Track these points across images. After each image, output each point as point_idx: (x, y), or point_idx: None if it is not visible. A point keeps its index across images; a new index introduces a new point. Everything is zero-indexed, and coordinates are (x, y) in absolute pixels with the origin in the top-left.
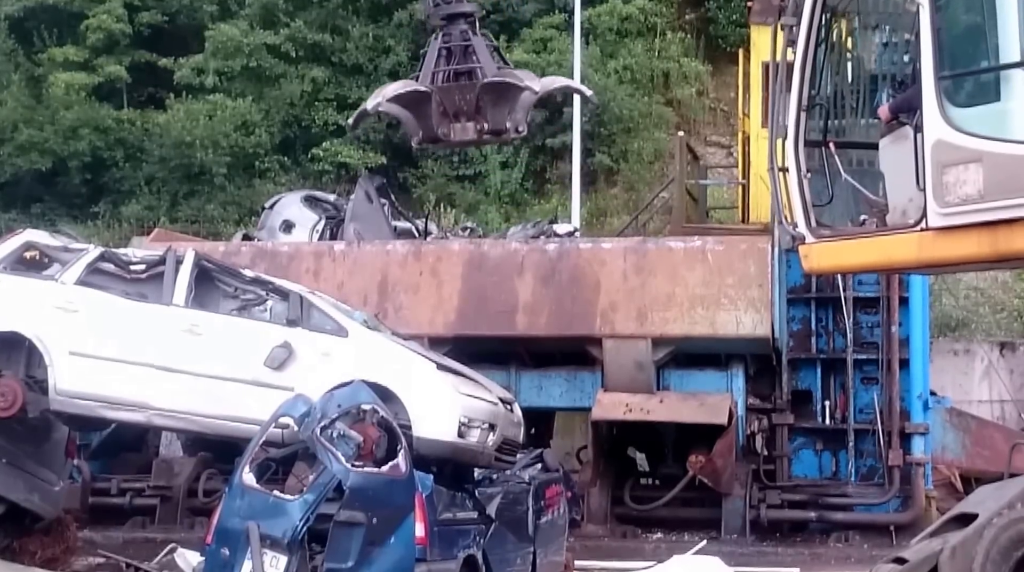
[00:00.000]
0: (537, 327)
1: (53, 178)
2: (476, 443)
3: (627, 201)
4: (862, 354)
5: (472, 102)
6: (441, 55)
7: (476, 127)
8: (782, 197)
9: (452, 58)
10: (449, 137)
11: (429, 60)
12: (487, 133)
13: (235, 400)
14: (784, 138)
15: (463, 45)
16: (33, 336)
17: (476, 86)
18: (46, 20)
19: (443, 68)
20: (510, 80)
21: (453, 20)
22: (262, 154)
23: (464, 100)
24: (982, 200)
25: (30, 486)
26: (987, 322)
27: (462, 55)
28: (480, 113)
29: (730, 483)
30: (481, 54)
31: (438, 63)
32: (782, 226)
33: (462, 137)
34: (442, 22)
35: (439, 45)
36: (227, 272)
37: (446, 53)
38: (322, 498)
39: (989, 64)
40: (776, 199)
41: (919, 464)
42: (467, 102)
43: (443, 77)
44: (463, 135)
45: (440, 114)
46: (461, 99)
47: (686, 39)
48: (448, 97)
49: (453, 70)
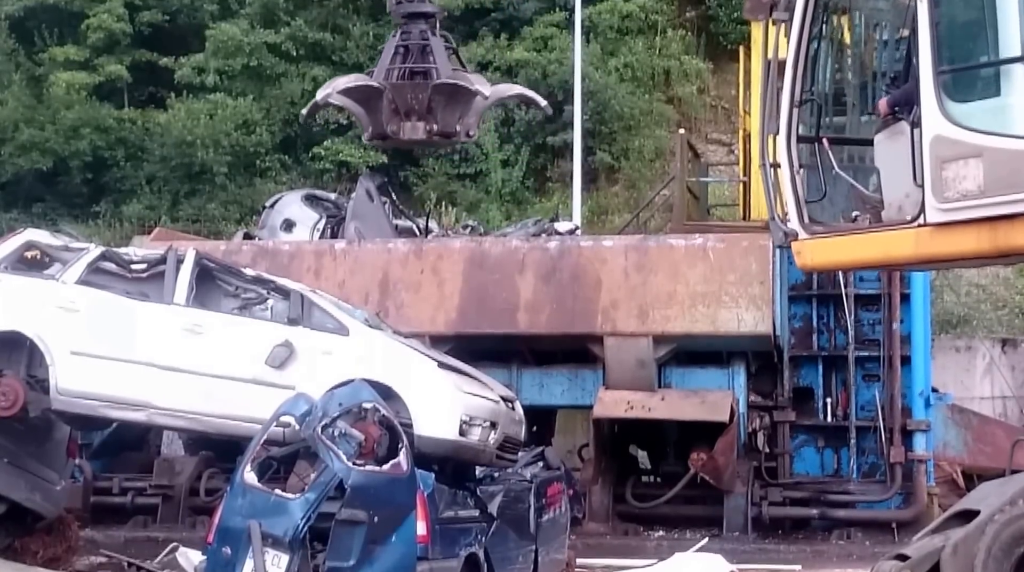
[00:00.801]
0: (538, 325)
1: (54, 178)
2: (477, 441)
3: (628, 199)
4: (863, 351)
5: (424, 102)
6: (398, 52)
7: (426, 127)
8: (773, 193)
9: (409, 56)
10: (398, 135)
11: (385, 56)
12: (436, 134)
13: (236, 399)
14: (776, 134)
15: (421, 44)
16: (34, 335)
17: (429, 85)
18: (47, 20)
19: (399, 66)
20: (461, 82)
21: (413, 19)
22: (263, 153)
23: (416, 99)
24: (982, 195)
25: (32, 485)
26: (989, 319)
27: (419, 54)
28: (431, 113)
29: (732, 481)
30: (438, 55)
31: (394, 60)
32: (774, 223)
33: (411, 136)
34: (402, 20)
35: (397, 43)
36: (228, 271)
37: (403, 51)
38: (323, 497)
39: (989, 59)
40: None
41: (921, 461)
42: (419, 101)
43: (398, 74)
44: (412, 134)
45: (391, 111)
46: (413, 98)
47: (687, 37)
48: (400, 95)
49: (408, 68)
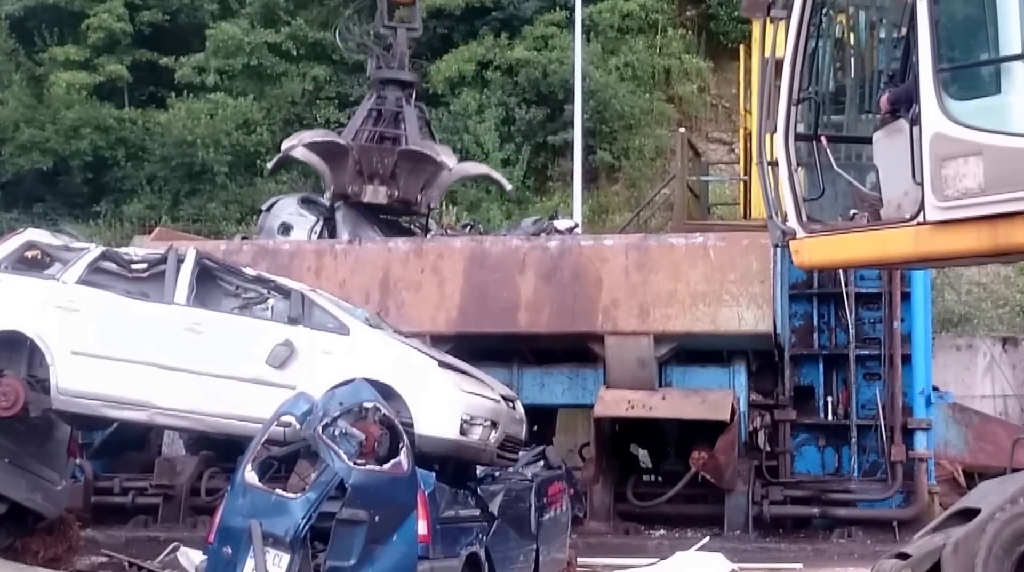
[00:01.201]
0: (539, 324)
1: (54, 177)
2: (478, 440)
3: (629, 198)
4: (864, 350)
5: (389, 167)
6: (371, 115)
7: (388, 192)
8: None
9: (381, 121)
10: (360, 196)
11: (357, 117)
12: (397, 200)
13: (237, 398)
14: (774, 132)
15: (394, 111)
16: (35, 335)
17: (395, 151)
18: (47, 19)
19: (369, 128)
20: (427, 151)
21: (390, 85)
22: (264, 152)
23: (381, 163)
24: (982, 193)
25: (32, 485)
26: (989, 317)
27: (391, 120)
28: (394, 179)
29: (733, 479)
30: (409, 124)
31: (365, 122)
32: (771, 221)
33: (372, 199)
34: (380, 84)
35: (371, 106)
36: (228, 270)
37: (376, 115)
38: (324, 496)
39: (989, 56)
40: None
41: (922, 460)
42: (384, 166)
43: (367, 137)
44: (374, 197)
45: (355, 172)
46: (379, 161)
47: (687, 36)
48: (367, 157)
49: (379, 132)
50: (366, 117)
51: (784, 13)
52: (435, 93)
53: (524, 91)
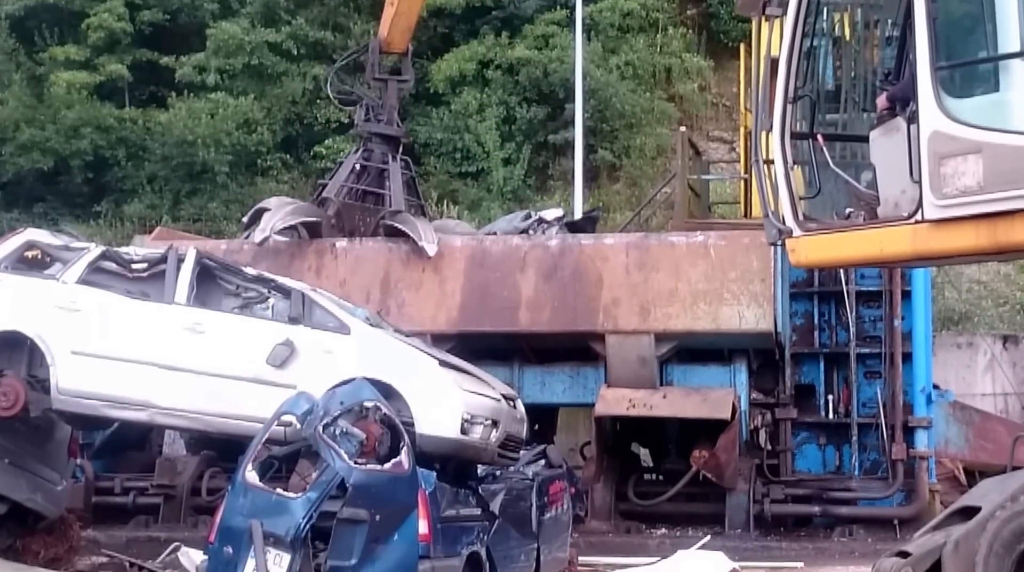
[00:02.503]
0: (540, 323)
1: (55, 177)
2: (479, 440)
3: (629, 197)
4: (865, 348)
5: (371, 226)
6: (355, 170)
7: None
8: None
9: (365, 176)
10: None
11: (341, 172)
12: None
13: (237, 398)
14: (769, 130)
15: (379, 168)
16: (35, 335)
17: (378, 212)
18: (47, 19)
19: (352, 184)
20: (409, 231)
21: (376, 139)
22: (264, 152)
23: (363, 222)
24: (981, 191)
25: (33, 486)
26: (990, 315)
27: (376, 177)
28: None
29: (734, 478)
30: (394, 182)
31: (349, 178)
32: (767, 219)
33: None
34: (367, 137)
35: (356, 160)
36: (229, 270)
37: (360, 170)
38: (325, 496)
39: (987, 54)
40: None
41: (922, 458)
42: (366, 224)
43: (349, 193)
44: None
45: (335, 228)
46: (361, 220)
47: (688, 34)
48: (349, 214)
49: (362, 189)
50: (350, 172)
51: (780, 11)
52: (436, 92)
53: (525, 90)
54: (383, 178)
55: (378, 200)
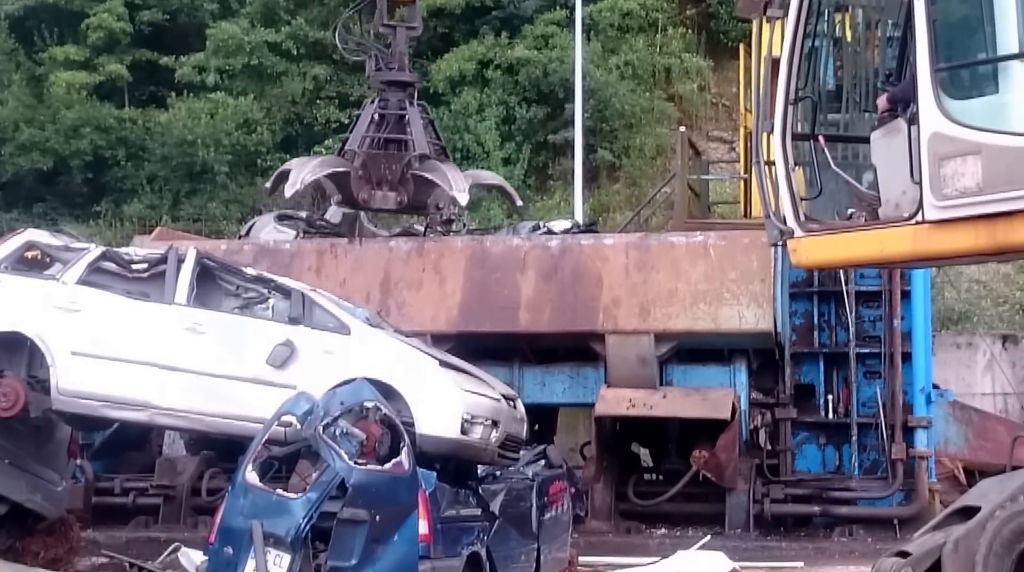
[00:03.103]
0: (540, 323)
1: (54, 177)
2: (479, 440)
3: (629, 197)
4: (865, 348)
5: (397, 173)
6: (374, 121)
7: (397, 198)
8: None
9: (384, 125)
10: (369, 203)
11: (361, 123)
12: (408, 206)
13: (237, 398)
14: (771, 132)
15: (398, 114)
16: (35, 336)
17: (403, 157)
18: (47, 19)
19: (373, 134)
20: (439, 182)
21: (392, 87)
22: (264, 152)
23: (389, 170)
24: (981, 193)
25: (33, 486)
26: (989, 315)
27: (395, 123)
28: (403, 185)
29: (733, 478)
30: (415, 126)
31: (369, 128)
32: (769, 220)
33: (382, 205)
34: (381, 87)
35: (374, 111)
36: (229, 270)
37: (379, 119)
38: (325, 496)
39: (987, 55)
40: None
41: (922, 458)
42: (392, 172)
43: (371, 143)
44: (383, 203)
45: (361, 179)
46: (387, 168)
47: (687, 34)
48: (374, 164)
49: (384, 137)
50: (370, 122)
51: (781, 12)
52: (435, 92)
53: (524, 90)
54: (403, 124)
55: (400, 146)
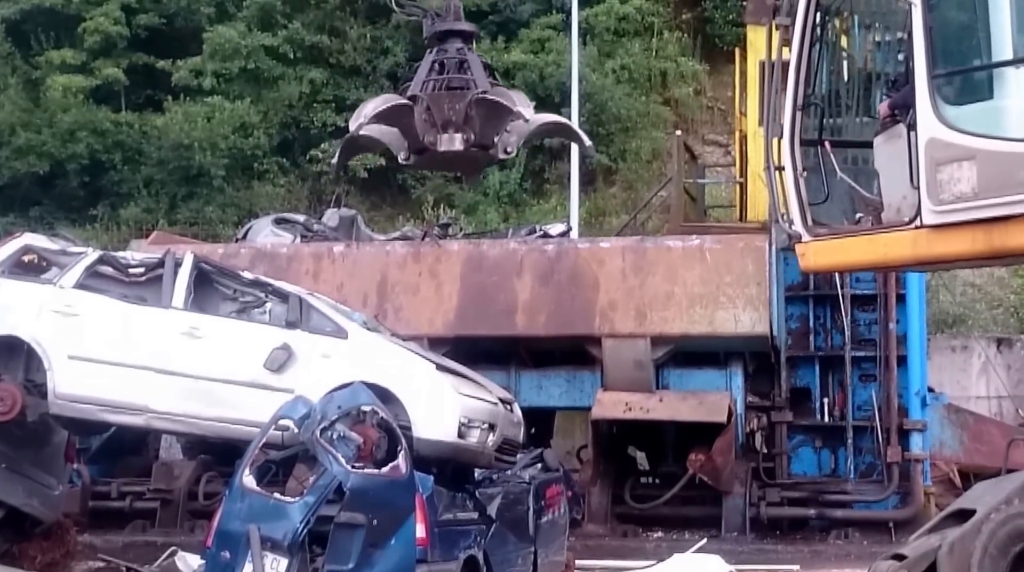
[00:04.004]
0: (536, 327)
1: (51, 181)
2: (476, 443)
3: (625, 200)
4: (860, 351)
5: (462, 112)
6: (434, 68)
7: (464, 137)
8: (778, 196)
9: (445, 71)
10: (436, 146)
11: (422, 71)
12: (475, 145)
13: (235, 402)
14: (780, 137)
15: (458, 59)
16: (32, 340)
17: (468, 95)
18: (43, 23)
19: (435, 78)
20: (502, 100)
21: (449, 37)
22: (261, 156)
23: (453, 110)
24: (976, 197)
25: (30, 490)
26: (984, 318)
27: (456, 69)
28: (468, 124)
29: (730, 481)
30: (475, 69)
31: (430, 74)
32: (778, 225)
33: (448, 146)
34: (438, 39)
35: (433, 58)
36: (226, 274)
37: (439, 66)
38: (322, 500)
39: (982, 62)
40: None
41: (917, 460)
42: (456, 112)
43: (434, 86)
44: (450, 145)
45: (427, 123)
46: (451, 108)
47: (683, 38)
48: (438, 106)
49: (446, 80)
50: (430, 69)
51: (788, 20)
52: None
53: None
54: (462, 69)
55: (464, 88)
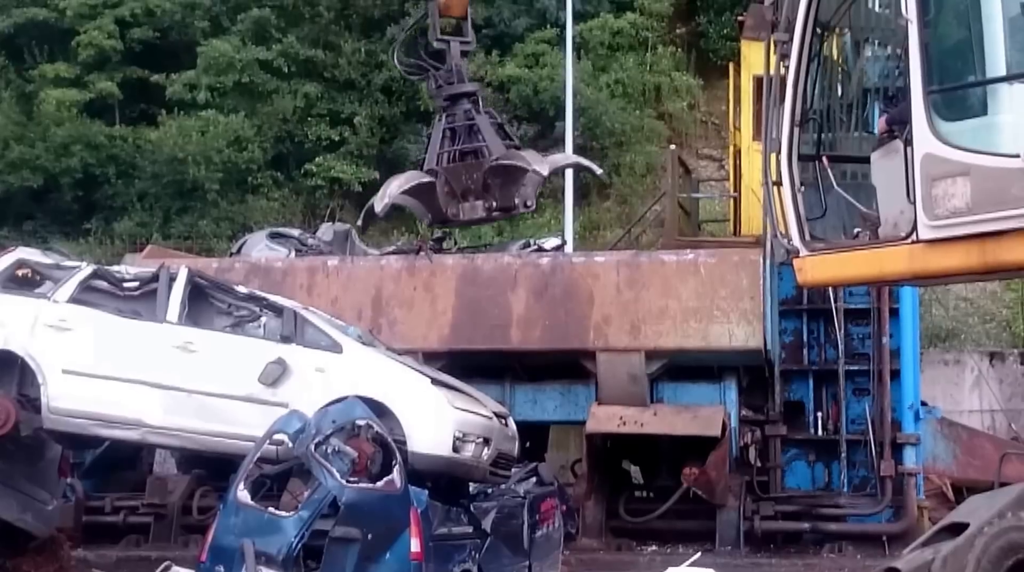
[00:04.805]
0: (531, 341)
1: (45, 195)
2: (471, 457)
3: (620, 214)
4: (853, 365)
5: (479, 181)
6: (446, 136)
7: (485, 205)
8: (776, 211)
9: (457, 138)
10: (459, 217)
11: (434, 142)
12: (496, 210)
13: (229, 417)
14: (778, 152)
15: (467, 124)
16: (26, 354)
17: (483, 165)
18: (37, 36)
19: (448, 149)
20: (517, 163)
21: (456, 100)
22: (255, 170)
23: (471, 179)
24: (970, 213)
25: (23, 505)
26: (976, 332)
27: (467, 134)
28: (488, 191)
29: (724, 495)
30: (486, 132)
31: (443, 144)
32: (777, 239)
33: (471, 216)
34: (445, 103)
35: (443, 126)
36: (221, 288)
37: (450, 134)
38: (317, 514)
39: (976, 78)
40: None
41: (911, 474)
42: (474, 181)
43: (448, 158)
44: (472, 214)
45: (447, 194)
46: (468, 178)
47: (677, 53)
48: (455, 177)
49: (459, 150)
50: (442, 139)
51: (786, 36)
52: (426, 110)
53: (516, 108)
54: (473, 133)
55: (476, 154)
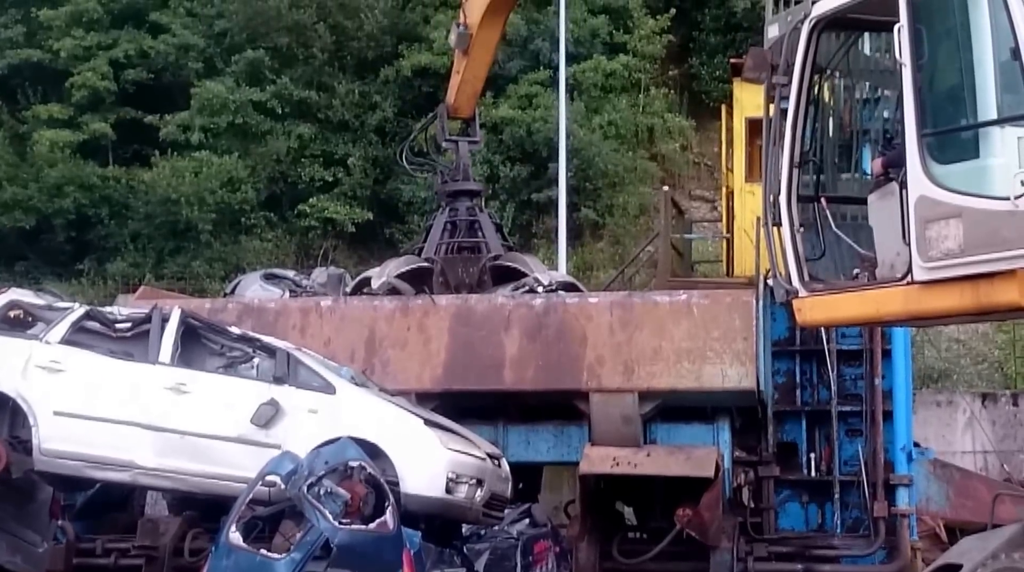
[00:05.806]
0: (524, 381)
1: (37, 236)
2: (464, 499)
3: (613, 255)
4: (846, 406)
5: (475, 275)
6: (446, 228)
7: None
8: (776, 252)
9: (457, 232)
10: None
11: (435, 232)
12: None
13: (222, 458)
14: (777, 193)
15: (469, 220)
16: (17, 396)
17: (482, 259)
18: (30, 77)
19: (448, 241)
20: (519, 267)
21: (459, 197)
22: (248, 210)
23: (467, 273)
24: (963, 254)
25: (14, 547)
26: (969, 373)
27: (467, 229)
28: (481, 287)
29: (717, 536)
30: (487, 230)
31: (443, 236)
32: (776, 280)
33: None
34: (449, 198)
35: (445, 219)
36: (213, 329)
37: (451, 227)
38: (309, 556)
39: (968, 121)
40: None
41: (904, 515)
42: (470, 274)
43: (447, 249)
44: None
45: (442, 284)
46: (464, 271)
47: (670, 95)
48: (452, 269)
49: (458, 243)
50: (443, 230)
51: (785, 79)
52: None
53: (509, 149)
54: (474, 229)
55: (474, 249)
